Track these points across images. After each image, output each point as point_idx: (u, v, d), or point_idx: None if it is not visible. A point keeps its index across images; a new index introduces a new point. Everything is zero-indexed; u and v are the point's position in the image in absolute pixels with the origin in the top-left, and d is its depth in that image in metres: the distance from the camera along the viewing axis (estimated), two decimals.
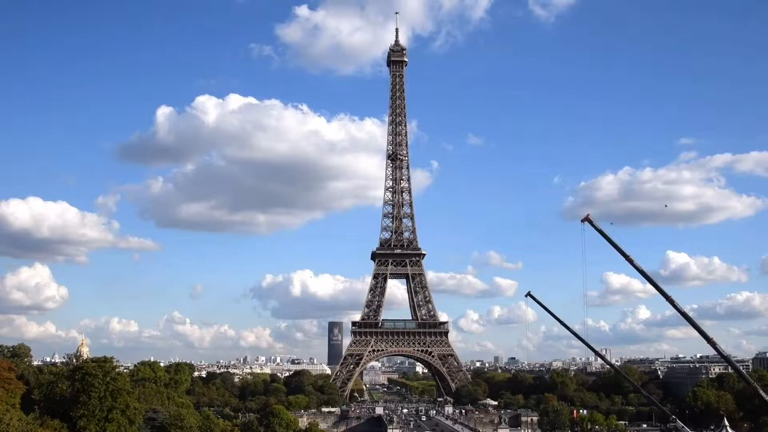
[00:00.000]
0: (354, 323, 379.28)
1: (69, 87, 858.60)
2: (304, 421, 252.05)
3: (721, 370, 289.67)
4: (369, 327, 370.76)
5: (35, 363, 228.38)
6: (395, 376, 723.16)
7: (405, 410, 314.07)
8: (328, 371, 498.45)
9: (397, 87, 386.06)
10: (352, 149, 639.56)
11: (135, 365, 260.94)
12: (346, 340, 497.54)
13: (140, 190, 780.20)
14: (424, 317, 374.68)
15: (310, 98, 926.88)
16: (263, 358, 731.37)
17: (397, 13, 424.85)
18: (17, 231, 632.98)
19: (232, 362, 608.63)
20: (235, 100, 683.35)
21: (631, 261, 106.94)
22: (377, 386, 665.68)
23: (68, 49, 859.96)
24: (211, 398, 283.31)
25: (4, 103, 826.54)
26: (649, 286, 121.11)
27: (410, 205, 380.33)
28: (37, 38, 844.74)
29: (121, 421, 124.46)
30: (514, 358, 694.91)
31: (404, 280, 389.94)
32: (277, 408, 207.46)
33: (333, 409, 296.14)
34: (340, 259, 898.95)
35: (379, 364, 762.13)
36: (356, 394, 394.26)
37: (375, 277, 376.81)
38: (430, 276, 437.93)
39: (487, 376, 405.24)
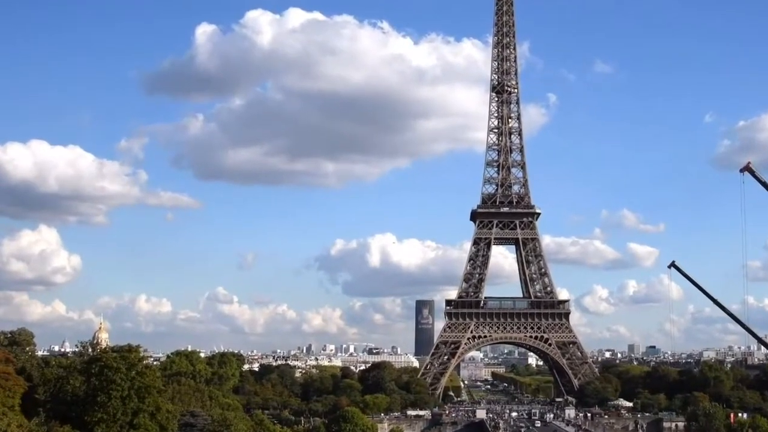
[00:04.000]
0: (449, 302, 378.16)
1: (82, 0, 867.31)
2: (384, 428, 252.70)
3: None
4: (468, 307, 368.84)
5: (40, 353, 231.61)
6: (501, 370, 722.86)
7: (514, 414, 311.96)
8: (416, 363, 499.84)
9: None
10: (446, 79, 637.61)
11: (168, 356, 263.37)
12: (439, 324, 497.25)
13: (174, 132, 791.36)
14: (539, 294, 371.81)
15: (393, 14, 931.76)
16: (332, 347, 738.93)
17: None
18: (17, 184, 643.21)
19: (293, 352, 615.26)
20: (296, 16, 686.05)
21: None
22: (478, 383, 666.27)
23: None
24: (265, 398, 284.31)
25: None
26: None
27: (521, 151, 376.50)
28: None
29: (150, 426, 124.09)
30: (654, 347, 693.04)
31: (513, 246, 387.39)
32: (350, 410, 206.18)
33: (422, 413, 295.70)
34: (430, 219, 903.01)
35: (481, 355, 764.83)
36: (451, 393, 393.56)
37: (475, 242, 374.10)
38: (547, 241, 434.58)
39: (620, 369, 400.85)
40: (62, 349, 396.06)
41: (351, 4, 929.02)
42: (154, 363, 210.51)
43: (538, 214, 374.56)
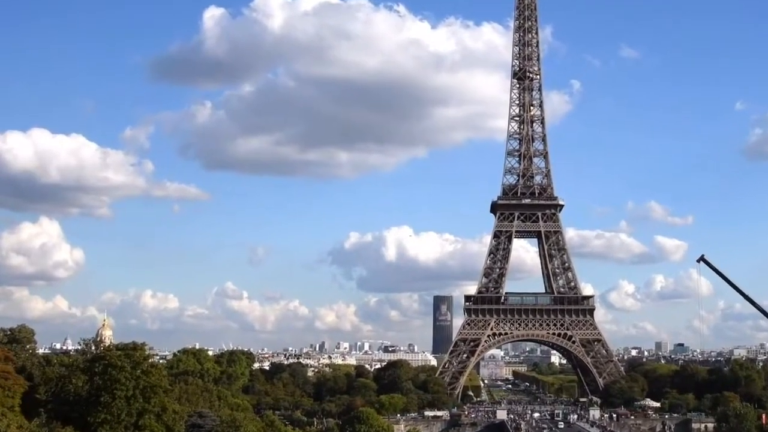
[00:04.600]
0: (468, 298, 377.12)
1: None
2: (401, 428, 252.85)
3: None
4: (488, 303, 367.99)
5: (41, 351, 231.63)
6: (523, 369, 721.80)
7: (536, 414, 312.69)
8: (434, 362, 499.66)
9: None
10: (466, 64, 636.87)
11: (174, 354, 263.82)
12: (457, 321, 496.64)
13: (181, 120, 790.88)
14: (562, 290, 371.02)
15: None
16: (346, 345, 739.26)
17: None
18: (17, 174, 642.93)
19: (305, 350, 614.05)
20: None
21: None
22: (499, 382, 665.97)
23: None
24: (276, 398, 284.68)
25: None
26: None
27: (543, 140, 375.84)
28: None
29: (155, 428, 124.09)
30: (682, 345, 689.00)
31: (535, 240, 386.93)
32: (365, 411, 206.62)
33: (440, 413, 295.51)
34: (448, 211, 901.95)
35: (502, 353, 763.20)
36: (471, 393, 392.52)
37: (496, 236, 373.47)
38: (570, 235, 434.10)
39: (647, 368, 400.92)
40: (64, 347, 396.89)
41: None
42: (160, 361, 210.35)
43: (562, 205, 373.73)
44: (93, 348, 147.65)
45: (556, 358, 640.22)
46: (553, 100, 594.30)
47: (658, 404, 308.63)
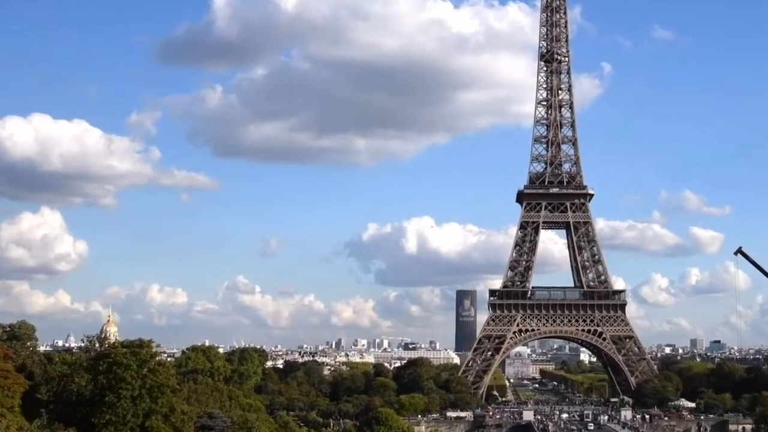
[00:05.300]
0: (492, 292, 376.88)
1: None
2: (422, 430, 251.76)
3: None
4: (514, 298, 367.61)
5: (42, 348, 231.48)
6: (550, 368, 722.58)
7: (565, 415, 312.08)
8: (456, 360, 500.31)
9: None
10: (490, 46, 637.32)
11: (183, 352, 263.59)
12: (481, 317, 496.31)
13: (190, 104, 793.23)
14: (592, 284, 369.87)
15: None
16: (364, 342, 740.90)
17: None
18: (17, 162, 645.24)
19: (321, 348, 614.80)
20: None
21: None
22: (525, 381, 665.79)
23: None
24: (290, 398, 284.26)
25: None
26: None
27: (572, 126, 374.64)
28: None
29: (163, 429, 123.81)
30: (718, 342, 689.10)
31: (563, 231, 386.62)
32: (384, 412, 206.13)
33: (463, 414, 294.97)
34: (472, 201, 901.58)
35: (529, 351, 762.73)
36: (496, 393, 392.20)
37: (522, 227, 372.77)
38: (601, 225, 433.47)
39: (681, 366, 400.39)
40: (67, 344, 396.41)
41: None
42: (168, 359, 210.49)
43: (591, 195, 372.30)
44: (97, 345, 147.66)
45: (585, 356, 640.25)
46: (583, 84, 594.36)
47: (693, 404, 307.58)
